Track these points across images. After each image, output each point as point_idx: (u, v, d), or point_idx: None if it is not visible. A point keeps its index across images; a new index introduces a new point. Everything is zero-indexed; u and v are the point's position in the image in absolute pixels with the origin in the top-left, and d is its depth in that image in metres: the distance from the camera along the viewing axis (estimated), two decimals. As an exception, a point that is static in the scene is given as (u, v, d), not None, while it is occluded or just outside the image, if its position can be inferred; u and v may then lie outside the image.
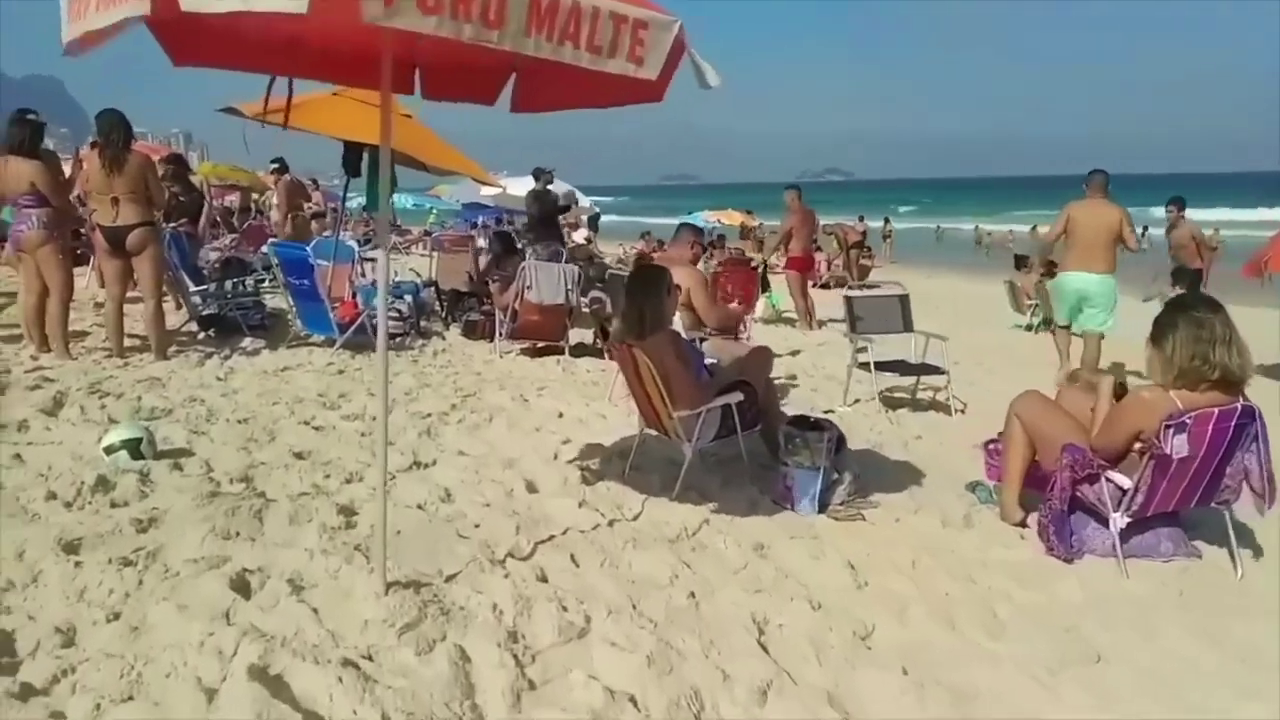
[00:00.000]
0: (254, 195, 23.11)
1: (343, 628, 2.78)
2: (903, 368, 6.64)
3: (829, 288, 17.96)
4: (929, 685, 2.73)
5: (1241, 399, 3.58)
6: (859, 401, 6.77)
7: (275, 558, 3.26)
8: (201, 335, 8.20)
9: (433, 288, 10.31)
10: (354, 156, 9.07)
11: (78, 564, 3.11)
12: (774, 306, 12.63)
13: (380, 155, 3.05)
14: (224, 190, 21.47)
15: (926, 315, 8.13)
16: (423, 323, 9.44)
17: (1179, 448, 3.47)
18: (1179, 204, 11.26)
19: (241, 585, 3.02)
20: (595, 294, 8.71)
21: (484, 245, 14.19)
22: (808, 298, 11.98)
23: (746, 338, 7.58)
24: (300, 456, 4.73)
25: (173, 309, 8.72)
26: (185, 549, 3.30)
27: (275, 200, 17.41)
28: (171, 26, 3.01)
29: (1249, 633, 3.22)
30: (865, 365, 6.61)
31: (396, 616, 2.81)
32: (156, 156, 10.74)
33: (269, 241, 13.21)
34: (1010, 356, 10.08)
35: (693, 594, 3.23)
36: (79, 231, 9.69)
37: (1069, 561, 3.80)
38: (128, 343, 7.08)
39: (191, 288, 8.70)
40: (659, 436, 4.71)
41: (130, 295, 7.15)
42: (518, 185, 13.21)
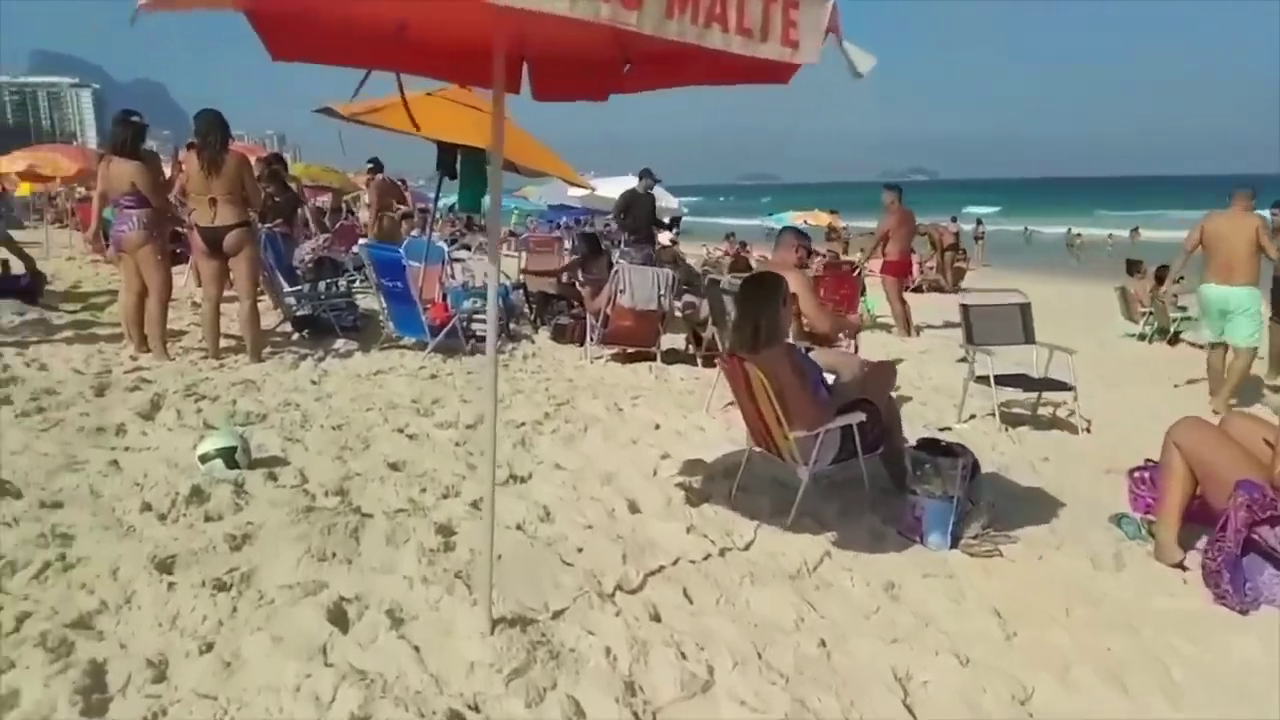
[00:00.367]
0: (344, 196, 23.54)
1: (446, 670, 2.55)
2: (1025, 383, 6.17)
3: (921, 291, 17.31)
4: (1109, 766, 2.36)
5: None
6: (974, 418, 6.33)
7: (373, 585, 3.06)
8: (295, 336, 8.18)
9: (521, 290, 10.16)
10: (448, 158, 8.98)
11: (171, 585, 2.96)
12: (869, 312, 12.14)
13: (490, 159, 2.82)
14: (316, 191, 21.85)
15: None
16: (512, 325, 9.29)
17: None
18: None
19: (339, 616, 2.82)
20: (688, 298, 8.42)
21: (569, 247, 14.09)
22: (905, 303, 11.48)
23: (846, 346, 7.20)
24: (395, 468, 4.56)
25: (267, 309, 8.75)
26: (280, 571, 3.13)
27: (367, 200, 17.66)
28: (272, 17, 2.84)
29: None
30: (984, 379, 6.16)
31: (504, 660, 2.57)
32: (254, 157, 10.88)
33: (360, 242, 13.31)
34: (1128, 369, 9.42)
35: (823, 642, 2.91)
36: (178, 232, 9.84)
37: (1244, 613, 3.35)
38: (223, 343, 7.08)
39: (286, 288, 8.72)
40: (767, 455, 4.39)
41: (226, 295, 7.15)
42: (608, 186, 13.00)
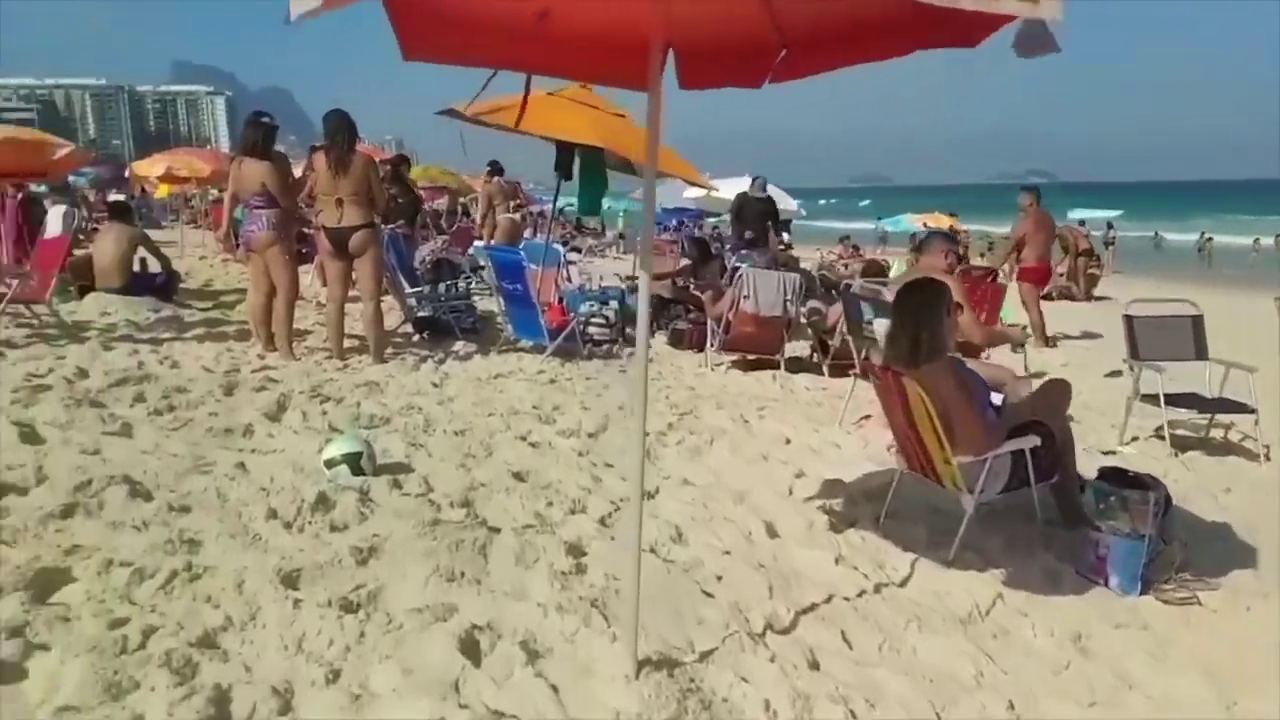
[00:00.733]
0: (460, 198, 23.96)
1: (589, 717, 2.30)
2: (1199, 403, 5.57)
3: (1051, 299, 16.35)
4: None
5: None
6: (1136, 439, 5.75)
7: (505, 611, 2.84)
8: (416, 338, 8.18)
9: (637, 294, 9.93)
10: (566, 159, 8.85)
11: (297, 603, 2.81)
12: (1003, 322, 11.45)
13: (648, 157, 2.56)
14: (433, 193, 22.28)
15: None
16: (627, 330, 9.09)
17: None
18: None
19: (470, 646, 2.60)
20: (813, 304, 8.04)
21: (682, 250, 13.84)
22: (1041, 312, 10.77)
23: (986, 357, 6.69)
24: (519, 478, 4.37)
25: (388, 310, 8.78)
26: (408, 592, 2.95)
27: (494, 202, 17.87)
28: (411, 13, 2.66)
29: None
30: (1150, 398, 5.59)
31: (652, 709, 2.31)
32: (377, 159, 11.03)
33: (483, 244, 13.38)
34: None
35: (1011, 704, 2.54)
36: (303, 232, 10.02)
37: None
38: (346, 343, 7.09)
39: (407, 289, 8.74)
40: (919, 478, 4.01)
41: (349, 296, 7.16)
42: (730, 187, 12.67)
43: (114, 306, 8.32)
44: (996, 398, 4.04)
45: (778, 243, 18.99)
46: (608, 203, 26.67)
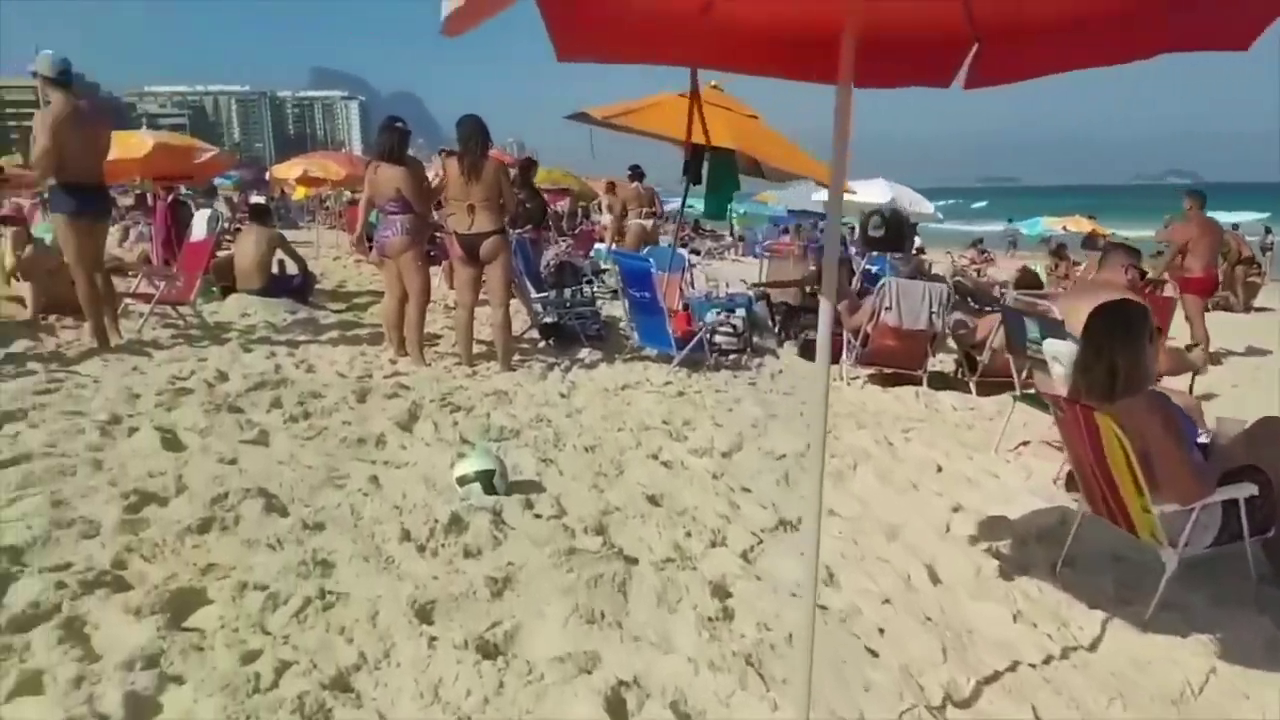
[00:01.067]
0: (580, 201, 24.05)
1: (753, 803, 2.04)
2: None
3: (1208, 310, 15.08)
4: None
5: None
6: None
7: (651, 665, 2.60)
8: (542, 344, 8.09)
9: (764, 301, 9.61)
10: (696, 162, 8.60)
11: (432, 641, 2.64)
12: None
13: (834, 162, 2.27)
14: (555, 195, 22.43)
15: None
16: (755, 339, 8.77)
17: None
18: None
19: (617, 706, 2.38)
20: (959, 316, 7.54)
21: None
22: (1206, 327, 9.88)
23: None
24: (654, 502, 4.14)
25: (512, 314, 8.74)
26: (547, 634, 2.75)
27: (607, 204, 17.82)
28: (567, 10, 2.44)
29: None
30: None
31: (827, 800, 2.02)
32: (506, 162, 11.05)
33: (607, 249, 13.27)
34: None
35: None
36: (432, 237, 10.11)
37: None
38: (473, 349, 7.04)
39: (534, 294, 8.67)
40: (1100, 520, 3.56)
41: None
42: (869, 191, 12.15)
43: (253, 308, 8.55)
44: (1201, 436, 3.56)
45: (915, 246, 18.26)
46: (692, 202, 26.32)
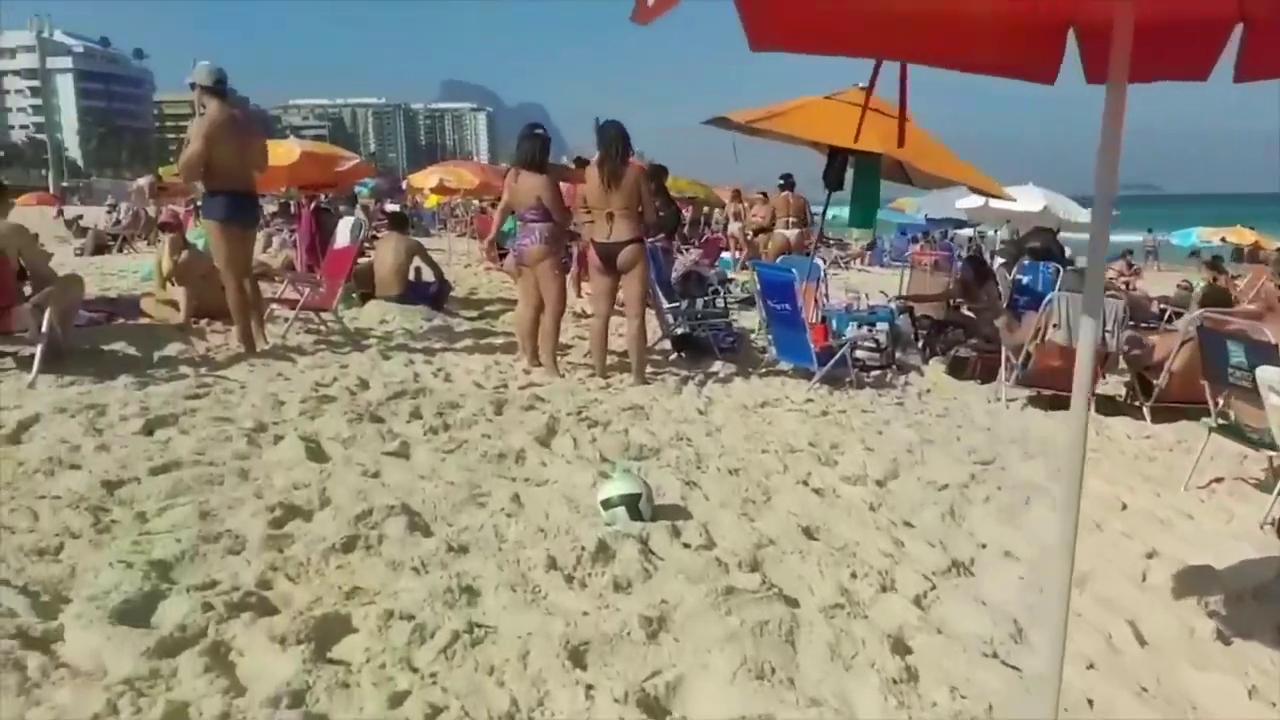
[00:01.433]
0: (704, 209, 23.81)
1: None
2: None
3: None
4: None
5: None
6: None
7: (835, 735, 2.31)
8: (674, 356, 7.86)
9: (908, 314, 9.11)
10: (839, 168, 8.23)
11: (589, 690, 2.42)
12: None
13: (1104, 165, 1.93)
14: (680, 204, 22.24)
15: None
16: (898, 355, 8.30)
17: None
18: None
19: (801, 785, 2.09)
20: (1131, 334, 6.89)
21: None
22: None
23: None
24: (809, 535, 3.82)
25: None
26: (712, 689, 2.48)
27: (733, 212, 17.54)
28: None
29: None
30: None
31: None
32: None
33: (735, 258, 12.99)
34: None
35: None
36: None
37: None
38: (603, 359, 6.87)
39: (665, 305, 8.46)
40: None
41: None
42: (1022, 198, 11.45)
43: (391, 314, 8.65)
44: None
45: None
46: (834, 211, 25.55)
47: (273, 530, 3.38)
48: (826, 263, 20.42)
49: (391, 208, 26.93)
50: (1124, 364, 6.96)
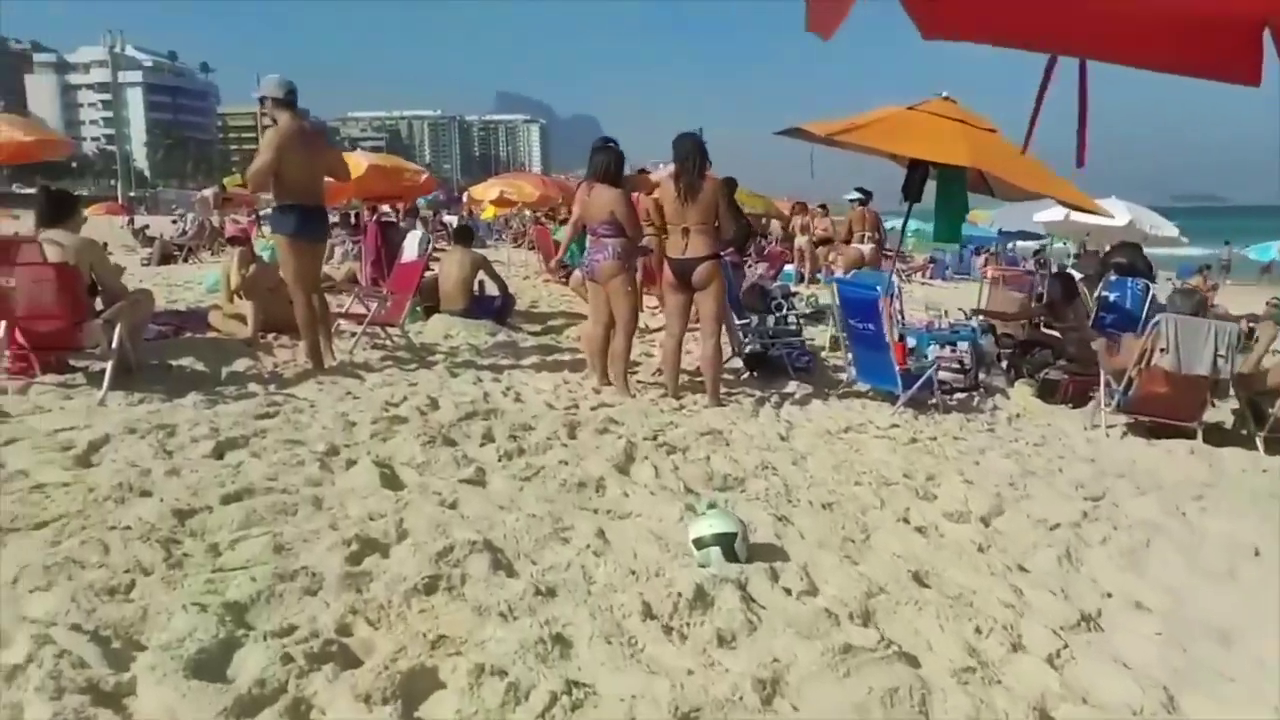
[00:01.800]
0: (762, 219, 23.45)
1: None
2: None
3: None
4: None
5: None
6: None
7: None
8: (745, 375, 7.58)
9: (991, 333, 8.71)
10: (919, 181, 7.90)
11: (707, 771, 2.16)
12: None
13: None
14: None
15: None
16: (982, 375, 7.92)
17: None
18: None
19: None
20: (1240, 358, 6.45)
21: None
22: None
23: None
24: (920, 581, 3.52)
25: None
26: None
27: (797, 226, 17.23)
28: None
29: None
30: None
31: None
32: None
33: (829, 277, 12.66)
34: None
35: None
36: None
37: None
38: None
39: (736, 321, 8.18)
40: None
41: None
42: (1113, 212, 10.96)
43: (456, 329, 8.50)
44: None
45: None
46: (915, 224, 24.98)
47: (350, 567, 3.18)
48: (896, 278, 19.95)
49: (449, 219, 27.10)
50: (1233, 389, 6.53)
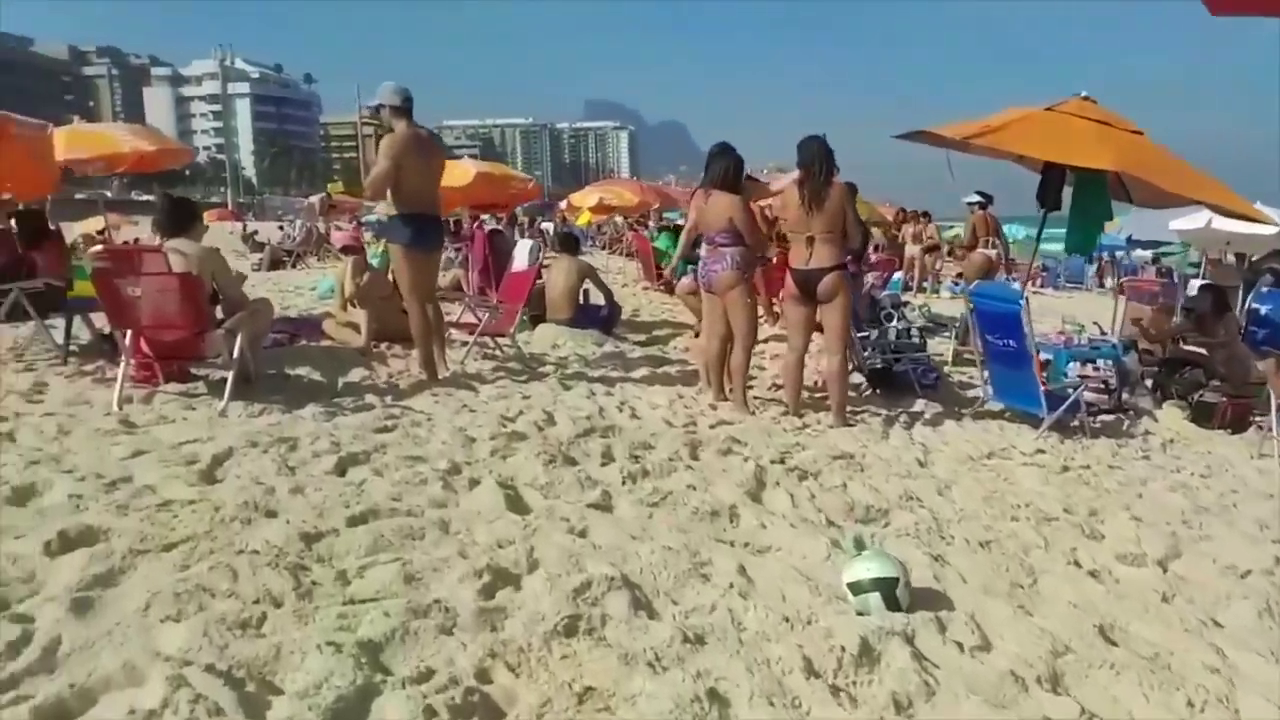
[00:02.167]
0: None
1: None
2: None
3: None
4: None
5: None
6: None
7: None
8: (868, 392, 7.19)
9: (1133, 350, 8.10)
10: (1056, 186, 7.40)
11: None
12: None
13: None
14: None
15: None
16: (1125, 395, 7.35)
17: None
18: None
19: None
20: None
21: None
22: None
23: None
24: (1107, 638, 3.11)
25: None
26: None
27: (910, 234, 16.68)
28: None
29: None
30: None
31: None
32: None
33: (893, 276, 12.14)
34: None
35: None
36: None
37: None
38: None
39: (856, 334, 7.80)
40: None
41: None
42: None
43: (563, 339, 8.34)
44: None
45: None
46: (1024, 230, 23.94)
47: (483, 601, 2.98)
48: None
49: (545, 225, 27.21)
50: None
